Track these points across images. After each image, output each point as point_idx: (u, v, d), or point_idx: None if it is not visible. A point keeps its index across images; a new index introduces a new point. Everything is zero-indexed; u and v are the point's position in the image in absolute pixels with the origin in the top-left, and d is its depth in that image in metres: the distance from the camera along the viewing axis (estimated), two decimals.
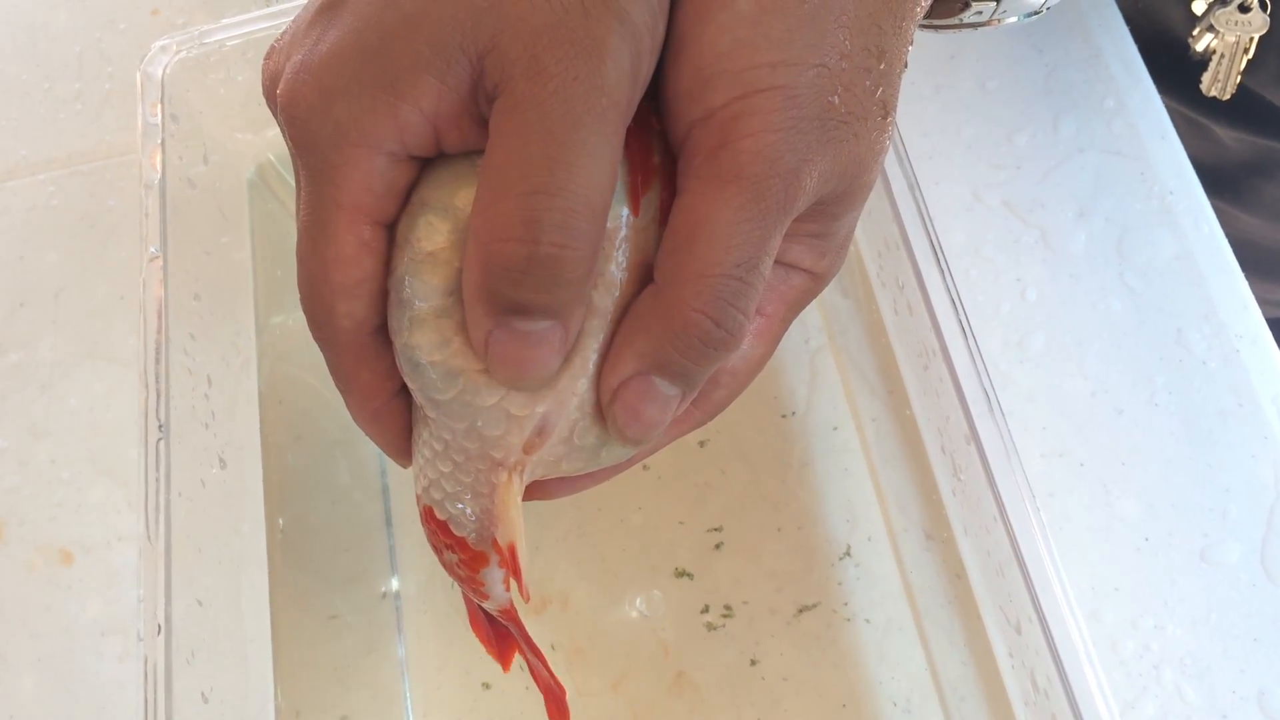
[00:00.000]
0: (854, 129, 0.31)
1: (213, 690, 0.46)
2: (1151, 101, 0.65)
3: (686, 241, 0.30)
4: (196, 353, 0.52)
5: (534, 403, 0.32)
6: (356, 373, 0.34)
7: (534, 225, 0.28)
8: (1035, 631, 0.40)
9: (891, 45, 0.32)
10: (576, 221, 0.28)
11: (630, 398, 0.32)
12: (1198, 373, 0.59)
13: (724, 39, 0.30)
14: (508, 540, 0.35)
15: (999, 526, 0.41)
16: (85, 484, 0.64)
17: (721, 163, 0.30)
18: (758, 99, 0.30)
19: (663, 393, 0.32)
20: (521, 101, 0.29)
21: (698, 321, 0.30)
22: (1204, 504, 0.57)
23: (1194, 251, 0.61)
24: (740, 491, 0.60)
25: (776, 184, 0.30)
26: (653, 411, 0.32)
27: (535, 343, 0.30)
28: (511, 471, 0.34)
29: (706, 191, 0.30)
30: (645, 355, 0.31)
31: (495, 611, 0.40)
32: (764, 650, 0.57)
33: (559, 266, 0.29)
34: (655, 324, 0.31)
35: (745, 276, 0.30)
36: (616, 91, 0.29)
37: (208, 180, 0.58)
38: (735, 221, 0.30)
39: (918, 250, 0.44)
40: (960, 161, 0.66)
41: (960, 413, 0.42)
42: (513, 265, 0.29)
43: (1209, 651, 0.54)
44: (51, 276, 0.70)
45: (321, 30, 0.32)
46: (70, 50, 0.78)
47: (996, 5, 0.42)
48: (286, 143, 0.32)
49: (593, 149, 0.29)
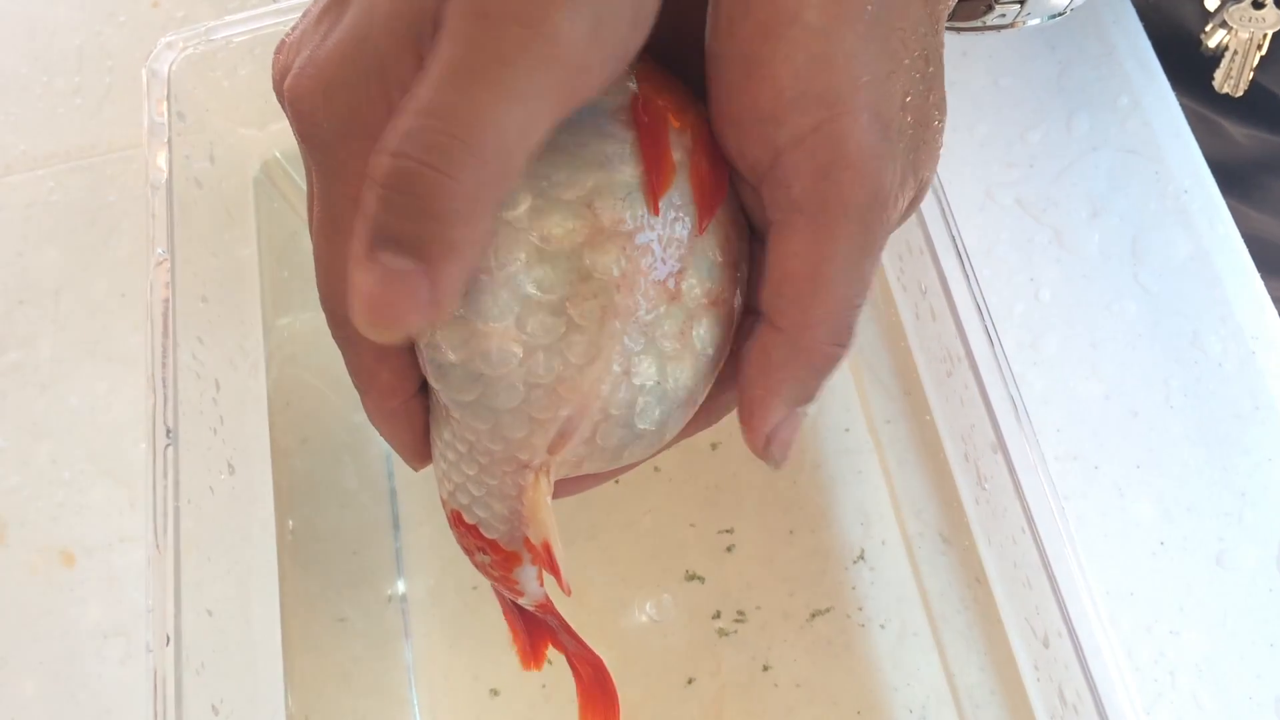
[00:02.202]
0: (923, 136, 0.31)
1: (223, 701, 0.45)
2: (1166, 100, 0.65)
3: (811, 288, 0.30)
4: (205, 356, 0.51)
5: (557, 406, 0.32)
6: (376, 372, 0.34)
7: (410, 140, 0.27)
8: (1065, 646, 0.39)
9: (934, 47, 0.32)
10: (459, 151, 0.26)
11: (785, 435, 0.33)
12: (1214, 375, 0.59)
13: (799, 56, 0.29)
14: (542, 540, 0.34)
15: (1026, 538, 0.41)
16: (86, 484, 0.64)
17: (827, 196, 0.30)
18: (847, 121, 0.29)
19: (800, 414, 0.33)
20: (454, 35, 0.27)
21: (834, 354, 0.31)
22: (1220, 508, 0.56)
23: (1209, 252, 0.61)
24: (752, 494, 0.59)
25: (880, 213, 0.30)
26: (794, 434, 0.33)
27: (394, 283, 0.27)
28: (538, 472, 0.34)
29: (817, 230, 0.30)
30: (795, 398, 0.32)
31: (531, 607, 0.40)
32: (776, 656, 0.56)
33: (426, 189, 0.26)
34: (801, 369, 0.31)
35: (863, 301, 0.31)
36: (566, 44, 0.27)
37: (214, 179, 0.57)
38: (852, 259, 0.30)
39: (943, 255, 0.43)
40: (973, 160, 0.65)
41: (987, 421, 0.42)
42: (380, 179, 0.27)
43: (1225, 657, 0.54)
44: (51, 273, 0.70)
45: (329, 25, 0.31)
46: (70, 43, 0.77)
47: (1020, 7, 0.42)
48: (297, 140, 0.32)
49: (512, 90, 0.27)
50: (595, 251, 0.31)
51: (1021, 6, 0.42)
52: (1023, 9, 0.42)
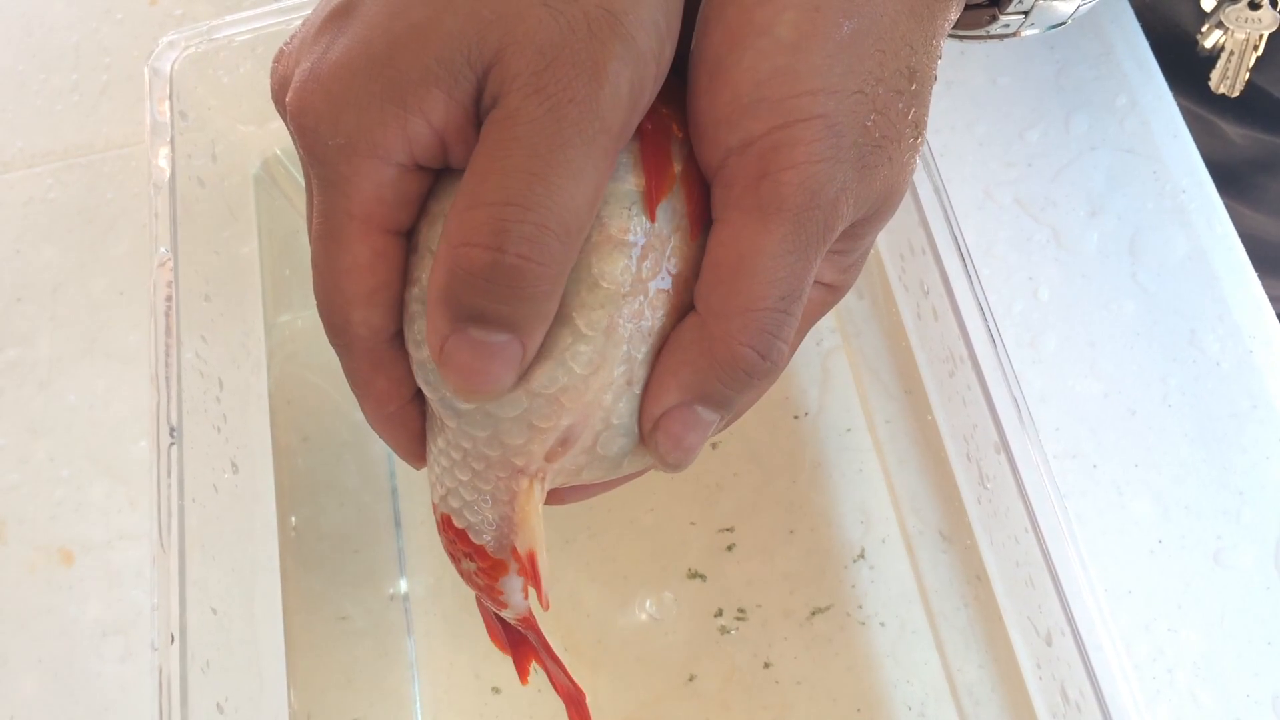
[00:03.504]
0: (888, 153, 0.31)
1: (228, 700, 0.45)
2: (1164, 99, 0.65)
3: (730, 275, 0.30)
4: (208, 355, 0.51)
5: (559, 414, 0.32)
6: (373, 379, 0.34)
7: (502, 235, 0.28)
8: (1068, 645, 0.40)
9: (923, 64, 0.32)
10: (547, 238, 0.28)
11: (674, 426, 0.32)
12: (1211, 374, 0.59)
13: (763, 66, 0.30)
14: (528, 548, 0.34)
15: (1029, 537, 0.41)
16: (85, 482, 0.63)
17: (763, 193, 0.30)
18: (799, 128, 0.29)
19: (704, 419, 0.32)
20: (514, 114, 0.29)
21: (744, 355, 0.30)
22: (1218, 506, 0.56)
23: (1207, 252, 0.61)
24: (752, 493, 0.60)
25: (817, 215, 0.30)
26: (694, 438, 0.32)
27: (489, 354, 0.30)
28: (533, 479, 0.34)
29: (748, 224, 0.30)
30: (690, 387, 0.31)
31: (514, 620, 0.39)
32: (777, 653, 0.56)
33: (521, 279, 0.29)
34: (701, 357, 0.31)
35: (788, 308, 0.30)
36: (610, 117, 0.29)
37: (215, 178, 0.57)
38: (778, 254, 0.30)
39: (945, 256, 0.44)
40: (971, 159, 0.65)
41: (990, 422, 0.42)
42: (476, 271, 0.29)
43: (1223, 655, 0.54)
44: (49, 271, 0.69)
45: (331, 38, 0.31)
46: (67, 41, 0.77)
47: (1024, 18, 0.42)
48: (297, 150, 0.32)
49: (576, 170, 0.28)
50: (603, 261, 0.31)
51: (1025, 17, 0.42)
52: (1026, 19, 0.42)
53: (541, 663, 0.42)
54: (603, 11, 0.29)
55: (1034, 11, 0.41)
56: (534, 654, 0.42)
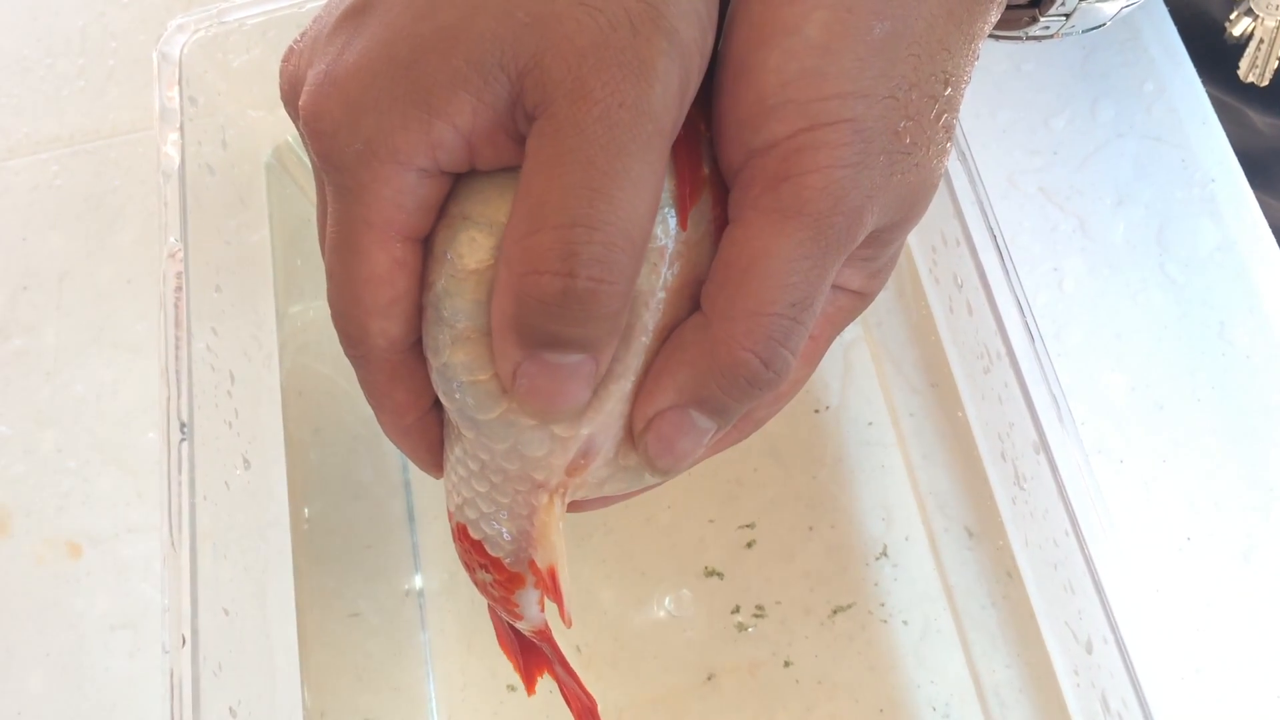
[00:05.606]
0: (917, 159, 0.30)
1: (240, 703, 0.44)
2: (1192, 86, 0.64)
3: (740, 275, 0.29)
4: (219, 348, 0.50)
5: (580, 424, 0.31)
6: (390, 391, 0.33)
7: (572, 259, 0.27)
8: (1111, 654, 0.38)
9: (958, 69, 0.31)
10: (616, 255, 0.27)
11: (665, 429, 0.31)
12: (1241, 367, 0.58)
13: (790, 66, 0.28)
14: (548, 564, 0.33)
15: (1070, 541, 0.40)
16: (93, 474, 0.63)
17: (783, 196, 0.28)
18: (825, 132, 0.28)
19: (698, 426, 0.31)
20: (564, 125, 0.27)
21: (746, 361, 0.29)
22: (1248, 503, 0.55)
23: (1237, 242, 0.60)
24: (772, 489, 0.59)
25: (839, 221, 0.29)
26: (686, 444, 0.31)
27: (566, 376, 0.29)
28: (553, 494, 0.33)
29: (765, 225, 0.29)
30: (686, 389, 0.30)
31: (529, 632, 0.39)
32: (797, 652, 0.56)
33: (595, 301, 0.28)
34: (701, 358, 0.30)
35: (799, 316, 0.29)
36: (664, 117, 0.28)
37: (225, 165, 0.56)
38: (794, 259, 0.29)
39: (981, 249, 0.42)
40: (995, 147, 0.64)
41: (1028, 420, 0.41)
42: (548, 298, 0.28)
43: (1251, 655, 0.53)
44: (55, 259, 0.68)
45: (347, 38, 0.30)
46: (73, 25, 0.76)
47: (1065, 20, 0.41)
48: (309, 155, 0.31)
49: (636, 179, 0.27)
50: None
51: (1066, 19, 0.41)
52: (1067, 22, 0.41)
53: (554, 673, 0.41)
54: (643, 6, 0.27)
55: (1075, 13, 0.40)
56: (545, 664, 0.41)
